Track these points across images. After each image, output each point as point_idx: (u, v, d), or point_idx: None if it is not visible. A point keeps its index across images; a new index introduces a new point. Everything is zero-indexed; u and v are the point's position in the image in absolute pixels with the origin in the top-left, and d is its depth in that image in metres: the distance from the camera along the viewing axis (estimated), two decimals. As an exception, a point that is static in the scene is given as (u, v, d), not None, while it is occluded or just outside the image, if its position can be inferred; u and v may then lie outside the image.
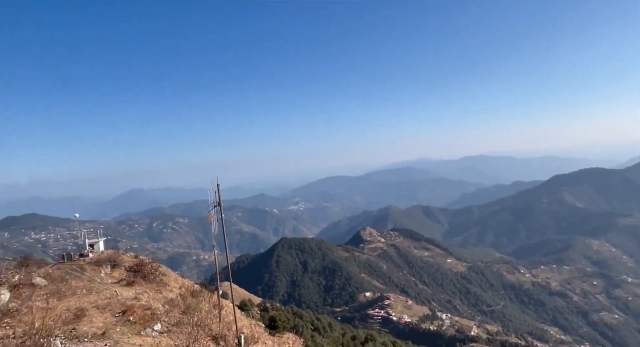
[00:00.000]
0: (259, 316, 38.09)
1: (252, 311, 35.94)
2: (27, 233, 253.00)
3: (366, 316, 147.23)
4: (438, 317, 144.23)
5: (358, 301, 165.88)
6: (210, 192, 15.93)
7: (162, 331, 14.26)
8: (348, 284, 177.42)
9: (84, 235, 42.69)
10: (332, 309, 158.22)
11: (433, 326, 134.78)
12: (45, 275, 22.92)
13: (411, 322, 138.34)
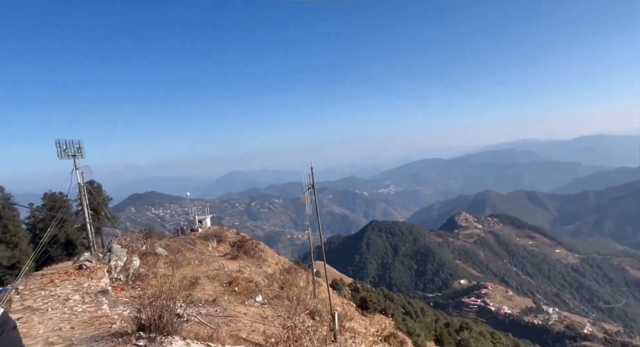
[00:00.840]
0: (350, 295, 39.03)
1: (343, 290, 36.97)
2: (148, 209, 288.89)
3: (461, 304, 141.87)
4: (544, 311, 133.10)
5: (452, 288, 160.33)
6: (304, 175, 16.51)
7: (263, 303, 15.46)
8: (441, 270, 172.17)
9: (194, 212, 47.63)
10: (423, 294, 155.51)
11: (538, 320, 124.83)
12: (165, 246, 26.19)
13: (512, 314, 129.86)
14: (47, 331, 8.99)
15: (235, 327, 11.30)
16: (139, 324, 8.34)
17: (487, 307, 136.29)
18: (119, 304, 12.14)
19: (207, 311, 12.91)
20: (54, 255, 31.89)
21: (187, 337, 8.58)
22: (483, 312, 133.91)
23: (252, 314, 13.76)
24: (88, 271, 14.72)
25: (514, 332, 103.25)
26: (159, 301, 8.75)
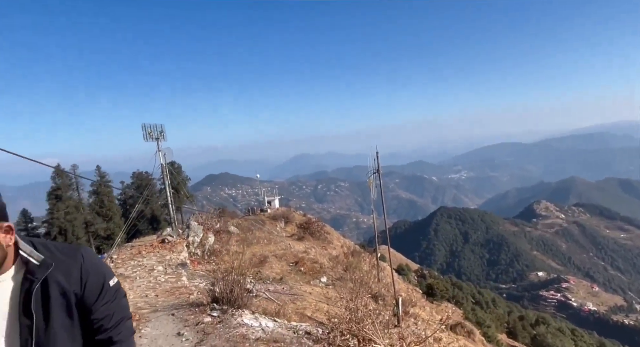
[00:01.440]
0: (415, 281, 38.49)
1: (409, 276, 36.54)
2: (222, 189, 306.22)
3: (537, 297, 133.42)
4: (637, 311, 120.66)
5: (528, 280, 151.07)
6: (369, 159, 16.36)
7: (328, 284, 15.82)
8: (516, 261, 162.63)
9: (263, 193, 49.65)
10: (496, 285, 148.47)
11: (629, 320, 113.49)
12: (237, 225, 27.70)
13: (597, 312, 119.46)
14: (136, 296, 10.04)
15: (300, 305, 11.71)
16: (213, 296, 8.99)
17: (568, 302, 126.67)
18: (196, 276, 13.16)
19: (275, 288, 13.51)
20: (141, 228, 35.28)
21: (256, 311, 9.07)
22: (563, 307, 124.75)
23: (316, 294, 14.15)
24: (170, 245, 16.06)
25: (599, 331, 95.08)
26: (230, 276, 9.32)
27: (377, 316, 5.91)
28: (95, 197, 41.75)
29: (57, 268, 1.19)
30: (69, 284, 1.22)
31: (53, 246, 1.25)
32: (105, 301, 1.29)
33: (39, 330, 1.17)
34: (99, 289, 1.28)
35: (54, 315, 1.20)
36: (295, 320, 9.01)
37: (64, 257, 1.23)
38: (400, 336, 5.36)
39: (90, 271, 1.27)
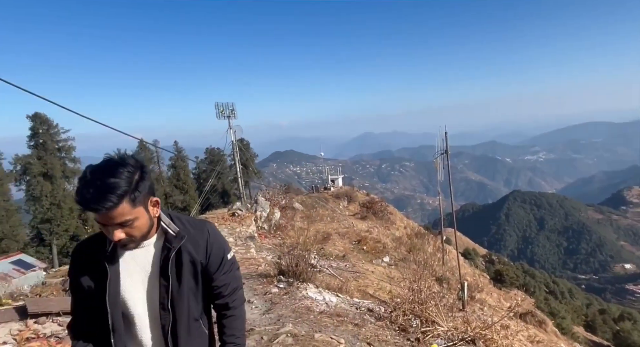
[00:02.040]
0: (483, 267, 37.05)
1: (476, 260, 35.23)
2: (287, 166, 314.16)
3: (623, 291, 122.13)
4: None
5: (612, 272, 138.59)
6: (437, 139, 15.79)
7: (390, 264, 15.82)
8: (599, 251, 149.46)
9: (327, 171, 50.24)
10: (574, 275, 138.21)
11: None
12: (301, 201, 28.47)
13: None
14: (210, 265, 10.85)
15: (362, 283, 11.88)
16: (279, 268, 9.44)
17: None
18: (263, 249, 13.86)
19: (337, 265, 13.82)
20: (213, 202, 37.58)
21: (320, 286, 9.38)
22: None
23: (379, 273, 14.24)
24: (239, 218, 16.99)
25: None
26: (296, 251, 9.70)
27: (440, 299, 5.84)
28: (173, 170, 45.18)
29: (189, 240, 1.41)
30: (197, 254, 1.43)
31: (185, 219, 1.47)
32: (224, 272, 1.50)
33: (173, 290, 1.41)
34: (220, 261, 1.49)
35: (185, 279, 1.43)
36: (357, 297, 9.19)
37: (194, 231, 1.44)
38: (465, 320, 5.26)
39: (214, 245, 1.48)
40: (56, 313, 5.56)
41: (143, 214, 1.29)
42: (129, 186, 1.22)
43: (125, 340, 1.44)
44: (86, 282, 1.38)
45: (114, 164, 1.24)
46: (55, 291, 7.21)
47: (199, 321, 1.52)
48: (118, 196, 1.19)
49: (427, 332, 4.88)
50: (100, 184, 1.18)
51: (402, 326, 5.43)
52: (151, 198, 1.33)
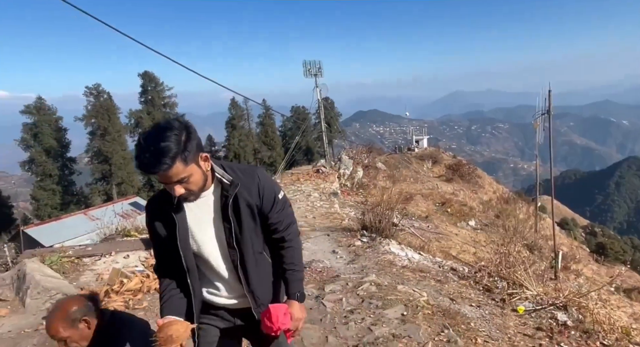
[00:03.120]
0: (582, 238, 34.02)
1: (574, 231, 32.38)
2: (370, 126, 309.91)
3: None
4: None
5: None
6: (538, 98, 14.37)
7: (476, 228, 15.33)
8: None
9: (411, 132, 48.83)
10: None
11: None
12: (384, 162, 28.32)
13: None
14: (298, 216, 11.44)
15: (445, 244, 11.79)
16: (362, 224, 9.76)
17: None
18: (346, 206, 14.30)
19: (420, 226, 13.79)
20: (297, 159, 39.01)
21: (402, 243, 9.56)
22: None
23: (463, 236, 13.94)
24: (323, 175, 17.56)
25: None
26: (378, 208, 9.90)
27: (530, 264, 5.65)
28: (261, 127, 47.52)
29: (242, 186, 1.61)
30: (251, 198, 1.64)
31: (236, 168, 1.68)
32: (277, 210, 1.70)
33: (236, 231, 1.64)
34: (272, 201, 1.68)
35: (244, 220, 1.65)
36: (439, 257, 9.20)
37: (245, 178, 1.63)
38: (557, 287, 5.06)
39: (265, 188, 1.66)
40: (173, 247, 6.56)
41: (196, 170, 1.46)
42: (178, 147, 1.37)
43: (202, 276, 1.71)
44: (160, 231, 1.64)
45: (162, 128, 1.39)
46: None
47: (263, 253, 1.75)
48: (170, 158, 1.35)
49: (513, 295, 4.82)
50: (153, 149, 1.34)
51: (486, 287, 5.41)
52: (201, 154, 1.49)
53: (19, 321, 4.47)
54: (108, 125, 35.66)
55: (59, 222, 22.43)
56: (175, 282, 1.70)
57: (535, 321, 4.29)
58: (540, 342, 3.83)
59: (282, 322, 1.62)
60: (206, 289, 1.75)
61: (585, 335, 3.86)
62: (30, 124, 34.20)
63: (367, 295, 5.04)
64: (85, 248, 6.31)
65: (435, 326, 4.03)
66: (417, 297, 4.85)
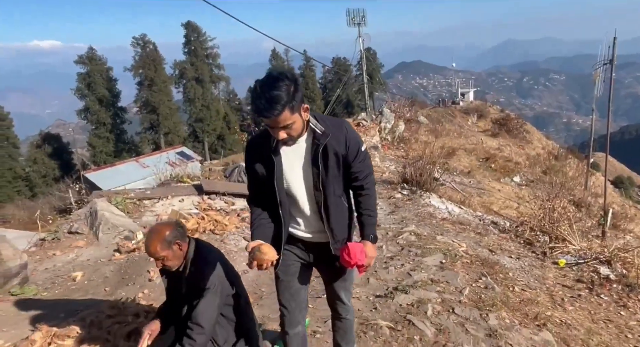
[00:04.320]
0: (638, 198, 32.23)
1: (630, 190, 30.60)
2: (413, 78, 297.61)
3: None
4: None
5: None
6: (601, 46, 13.19)
7: (521, 184, 14.95)
8: None
9: (457, 84, 46.61)
10: None
11: None
12: (426, 115, 27.54)
13: None
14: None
15: (487, 199, 11.67)
16: (403, 177, 9.82)
17: None
18: (386, 159, 14.30)
19: (461, 180, 13.64)
20: (337, 112, 38.71)
21: (442, 197, 9.58)
22: None
23: (506, 192, 13.69)
24: (364, 129, 17.46)
25: None
26: (419, 163, 9.88)
27: (576, 221, 5.58)
28: (302, 79, 47.05)
29: (332, 137, 1.79)
30: (339, 148, 1.82)
31: (327, 119, 1.86)
32: (359, 161, 1.88)
33: (322, 175, 1.85)
34: (356, 152, 1.86)
35: (330, 167, 1.85)
36: (480, 212, 9.19)
37: (335, 129, 1.81)
38: (602, 244, 5.01)
39: (351, 140, 1.84)
40: (222, 193, 6.94)
41: (298, 118, 1.65)
42: (288, 97, 1.55)
43: (290, 210, 1.94)
44: (259, 169, 1.86)
45: (275, 78, 1.56)
46: (218, 176, 8.87)
47: (341, 197, 1.95)
48: (282, 106, 1.54)
49: (555, 248, 4.84)
50: (268, 97, 1.53)
51: (527, 240, 5.44)
52: (303, 105, 1.68)
53: (94, 252, 5.08)
54: (154, 76, 36.66)
55: (114, 168, 24.08)
56: (266, 213, 1.93)
57: (576, 274, 4.34)
58: (580, 293, 3.91)
59: (359, 258, 1.84)
60: (289, 223, 1.98)
61: (627, 288, 3.88)
62: (84, 73, 35.85)
63: (407, 244, 5.23)
64: (144, 191, 6.86)
65: (473, 273, 4.17)
66: (455, 247, 4.98)
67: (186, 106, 39.57)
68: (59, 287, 4.08)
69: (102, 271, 4.40)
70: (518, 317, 3.27)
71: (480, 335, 2.91)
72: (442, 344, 2.76)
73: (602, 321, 3.44)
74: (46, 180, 33.98)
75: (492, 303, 3.41)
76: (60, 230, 5.46)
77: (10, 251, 3.63)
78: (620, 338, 3.20)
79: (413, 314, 3.18)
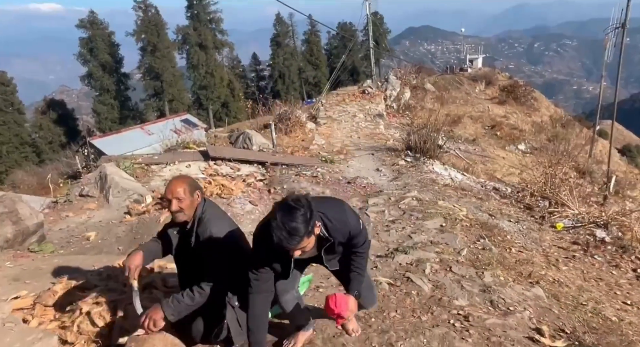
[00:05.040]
0: (645, 167, 31.98)
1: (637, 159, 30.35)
2: (421, 43, 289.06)
3: None
4: None
5: None
6: (614, 9, 12.75)
7: (526, 151, 14.92)
8: None
9: (465, 50, 45.38)
10: None
11: None
12: (433, 83, 27.05)
13: None
14: (342, 136, 11.80)
15: (491, 167, 11.72)
16: (407, 145, 9.84)
17: None
18: (391, 127, 14.24)
19: (466, 148, 13.64)
20: (342, 79, 38.08)
21: (446, 164, 9.64)
22: None
23: (510, 160, 13.71)
24: (369, 96, 17.28)
25: None
26: (424, 130, 9.86)
27: (577, 186, 5.65)
28: (306, 45, 45.98)
29: (336, 239, 1.98)
30: (342, 239, 2.01)
31: (332, 219, 1.96)
32: (358, 237, 2.05)
33: (325, 263, 2.13)
34: (357, 235, 2.04)
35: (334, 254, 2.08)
36: (483, 178, 9.27)
37: (340, 227, 1.97)
38: (601, 209, 5.11)
39: (353, 230, 2.01)
40: (228, 159, 7.05)
41: (312, 238, 1.79)
42: (305, 228, 1.69)
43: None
44: (271, 264, 1.99)
45: (293, 208, 1.68)
46: (224, 142, 8.96)
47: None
48: (300, 237, 1.69)
49: (554, 213, 4.95)
50: (288, 229, 1.67)
51: (528, 205, 5.55)
52: (316, 224, 1.80)
53: (106, 214, 5.26)
54: (157, 41, 35.99)
55: (120, 135, 24.18)
56: (264, 304, 2.08)
57: (572, 237, 4.47)
58: (574, 254, 4.05)
59: (342, 310, 1.97)
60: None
61: (621, 250, 4.01)
62: (86, 38, 35.27)
63: (409, 208, 5.35)
64: (152, 157, 6.98)
65: (472, 236, 4.31)
66: (456, 212, 5.10)
67: (190, 73, 39.04)
68: (74, 246, 4.28)
69: (114, 231, 4.58)
70: (512, 276, 3.42)
71: (475, 290, 3.07)
72: (437, 298, 2.91)
73: (594, 280, 3.59)
74: (52, 146, 34.26)
75: (489, 263, 3.56)
76: (72, 193, 5.63)
77: (27, 210, 3.79)
78: (610, 295, 3.36)
79: (412, 272, 3.34)
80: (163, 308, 2.05)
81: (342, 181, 7.25)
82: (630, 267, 3.76)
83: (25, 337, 1.98)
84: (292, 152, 9.05)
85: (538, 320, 2.73)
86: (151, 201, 5.33)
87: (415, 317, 2.63)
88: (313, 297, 2.97)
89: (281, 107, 11.65)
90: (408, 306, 2.80)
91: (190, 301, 2.10)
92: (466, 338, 2.38)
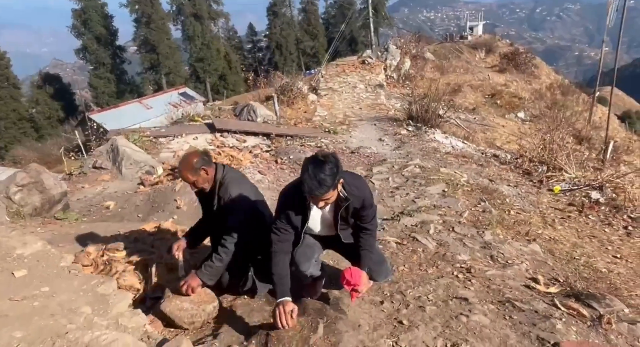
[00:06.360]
0: (645, 132, 31.98)
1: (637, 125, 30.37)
2: (420, 11, 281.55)
3: None
4: None
5: None
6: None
7: (525, 119, 15.01)
8: None
9: (465, 17, 44.47)
10: None
11: None
12: (433, 51, 26.70)
13: None
14: (344, 107, 11.87)
15: (490, 135, 11.87)
16: (408, 114, 9.95)
17: None
18: (392, 97, 14.25)
19: (466, 117, 13.70)
20: (340, 49, 37.44)
21: (447, 132, 9.79)
22: None
23: (510, 128, 13.82)
24: (369, 66, 17.14)
25: None
26: (425, 100, 9.94)
27: (574, 151, 5.84)
28: (303, 15, 44.89)
29: (353, 200, 2.11)
30: (357, 205, 2.14)
31: (352, 183, 2.11)
32: (368, 210, 2.20)
33: (339, 226, 2.21)
34: (368, 208, 2.19)
35: (347, 218, 2.20)
36: (483, 146, 9.44)
37: (357, 191, 2.11)
38: (596, 171, 5.31)
39: (367, 199, 2.16)
40: (234, 131, 7.19)
41: (335, 192, 1.96)
42: (332, 181, 1.85)
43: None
44: (292, 219, 2.12)
45: (323, 161, 1.84)
46: (228, 115, 9.04)
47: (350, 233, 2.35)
48: (327, 187, 1.85)
49: (552, 177, 5.15)
50: (318, 179, 1.82)
51: (526, 170, 5.75)
52: (341, 181, 1.97)
53: (120, 185, 5.46)
54: (152, 12, 35.10)
55: (118, 109, 24.08)
56: (286, 260, 2.21)
57: (569, 199, 4.69)
58: (570, 214, 4.28)
59: (358, 282, 2.09)
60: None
61: (614, 210, 4.24)
62: (79, 9, 34.35)
63: (412, 175, 5.55)
64: (159, 130, 7.11)
65: (473, 199, 4.53)
66: (457, 178, 5.31)
67: (186, 45, 38.32)
68: (95, 214, 4.50)
69: (132, 201, 4.79)
70: (511, 234, 3.66)
71: (476, 247, 3.31)
72: (442, 254, 3.15)
73: (587, 237, 3.84)
74: (51, 121, 34.11)
75: (489, 223, 3.79)
76: (85, 165, 5.80)
77: (51, 180, 3.98)
78: (601, 250, 3.61)
79: (417, 232, 3.57)
80: (199, 276, 2.31)
81: (346, 150, 7.42)
82: (622, 225, 4.00)
83: (89, 281, 2.26)
84: (295, 124, 9.17)
85: (534, 271, 2.98)
86: (162, 172, 5.51)
87: (422, 270, 2.87)
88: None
89: (282, 79, 11.64)
90: (415, 261, 3.04)
91: (219, 262, 2.34)
92: (469, 287, 2.62)
